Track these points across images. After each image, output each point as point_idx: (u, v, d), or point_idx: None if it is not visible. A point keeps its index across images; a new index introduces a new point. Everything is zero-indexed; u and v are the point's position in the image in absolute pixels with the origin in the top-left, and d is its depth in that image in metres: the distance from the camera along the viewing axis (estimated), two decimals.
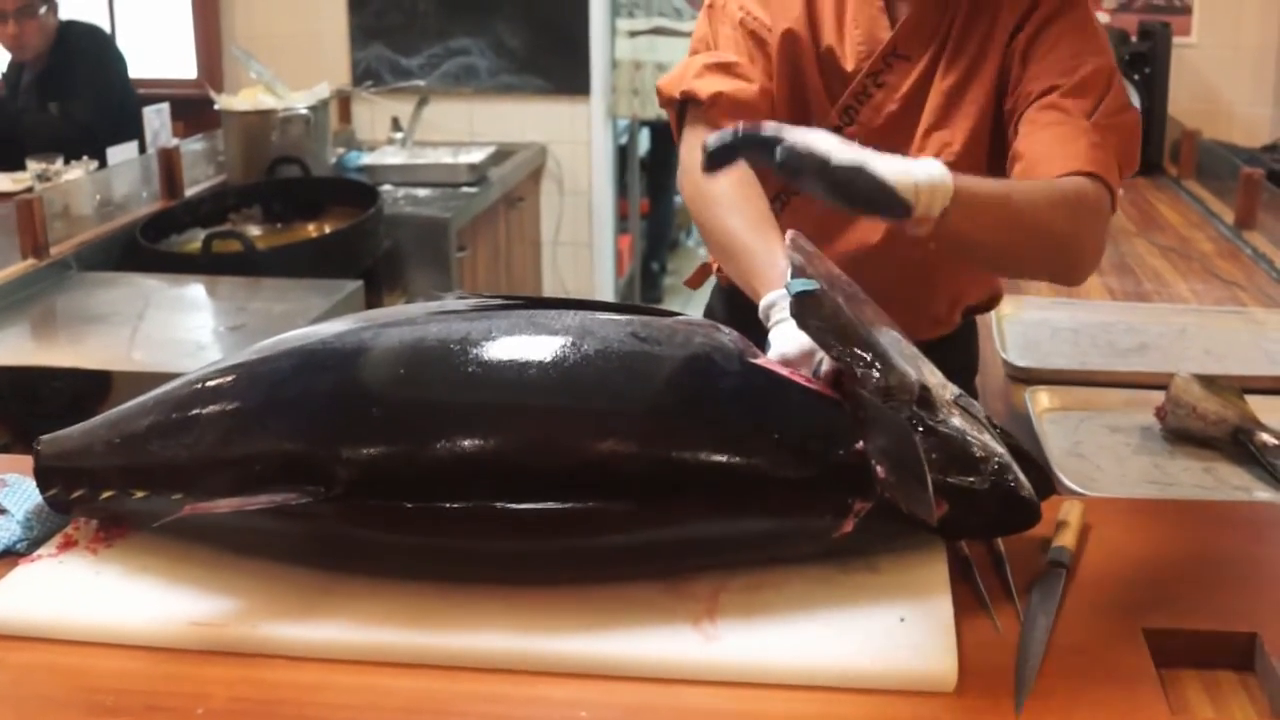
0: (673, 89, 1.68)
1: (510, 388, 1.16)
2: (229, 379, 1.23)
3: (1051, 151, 1.50)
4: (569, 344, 1.18)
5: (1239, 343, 2.24)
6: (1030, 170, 1.50)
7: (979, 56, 1.62)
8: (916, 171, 1.20)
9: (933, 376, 1.23)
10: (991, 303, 1.89)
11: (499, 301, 1.30)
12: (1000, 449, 1.20)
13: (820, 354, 1.24)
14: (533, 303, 1.29)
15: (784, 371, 1.22)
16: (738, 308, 1.67)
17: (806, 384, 1.20)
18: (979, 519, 1.20)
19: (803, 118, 1.67)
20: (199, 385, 1.23)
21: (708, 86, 1.64)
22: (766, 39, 1.67)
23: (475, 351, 1.17)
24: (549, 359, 1.17)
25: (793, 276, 1.16)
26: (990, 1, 1.62)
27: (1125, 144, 1.55)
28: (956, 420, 1.19)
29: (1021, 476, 1.20)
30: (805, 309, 1.14)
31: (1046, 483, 1.27)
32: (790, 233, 1.28)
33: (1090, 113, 1.53)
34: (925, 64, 1.64)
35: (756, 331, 1.34)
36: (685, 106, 1.68)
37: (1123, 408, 1.91)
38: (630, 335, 1.20)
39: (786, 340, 1.30)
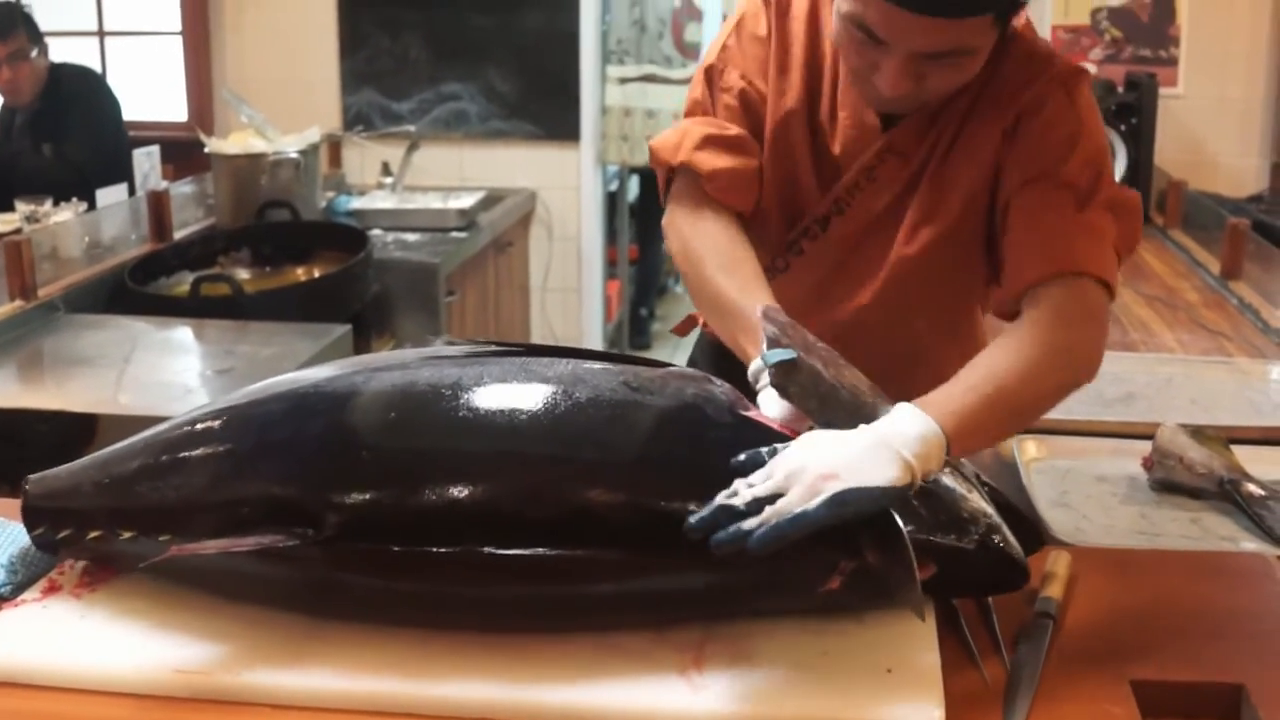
0: (671, 156, 1.64)
1: (501, 435, 1.16)
2: (218, 422, 1.23)
3: (1042, 251, 1.46)
4: (560, 392, 1.18)
5: (1225, 393, 2.25)
6: (1020, 272, 1.47)
7: (977, 150, 1.58)
8: (905, 449, 1.15)
9: None
10: None
11: (491, 348, 1.30)
12: (989, 508, 1.20)
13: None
14: (525, 350, 1.29)
15: (775, 425, 1.22)
16: (722, 358, 1.65)
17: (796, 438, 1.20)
18: (967, 578, 1.20)
19: (791, 201, 1.67)
20: (188, 428, 1.23)
21: (709, 161, 1.61)
22: (763, 113, 1.65)
23: (466, 398, 1.17)
24: (540, 407, 1.17)
25: (769, 347, 1.17)
26: (994, 97, 1.57)
27: (1125, 226, 1.52)
28: (946, 479, 1.19)
29: (1010, 537, 1.20)
30: (785, 376, 1.14)
31: (1035, 537, 1.27)
32: (761, 306, 1.29)
33: (1083, 202, 1.49)
34: (920, 158, 1.61)
35: (740, 384, 1.33)
36: (677, 169, 1.65)
37: (1110, 457, 1.91)
38: (622, 385, 1.20)
39: (775, 405, 1.28)
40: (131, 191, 3.71)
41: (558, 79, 4.67)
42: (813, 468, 1.11)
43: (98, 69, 5.04)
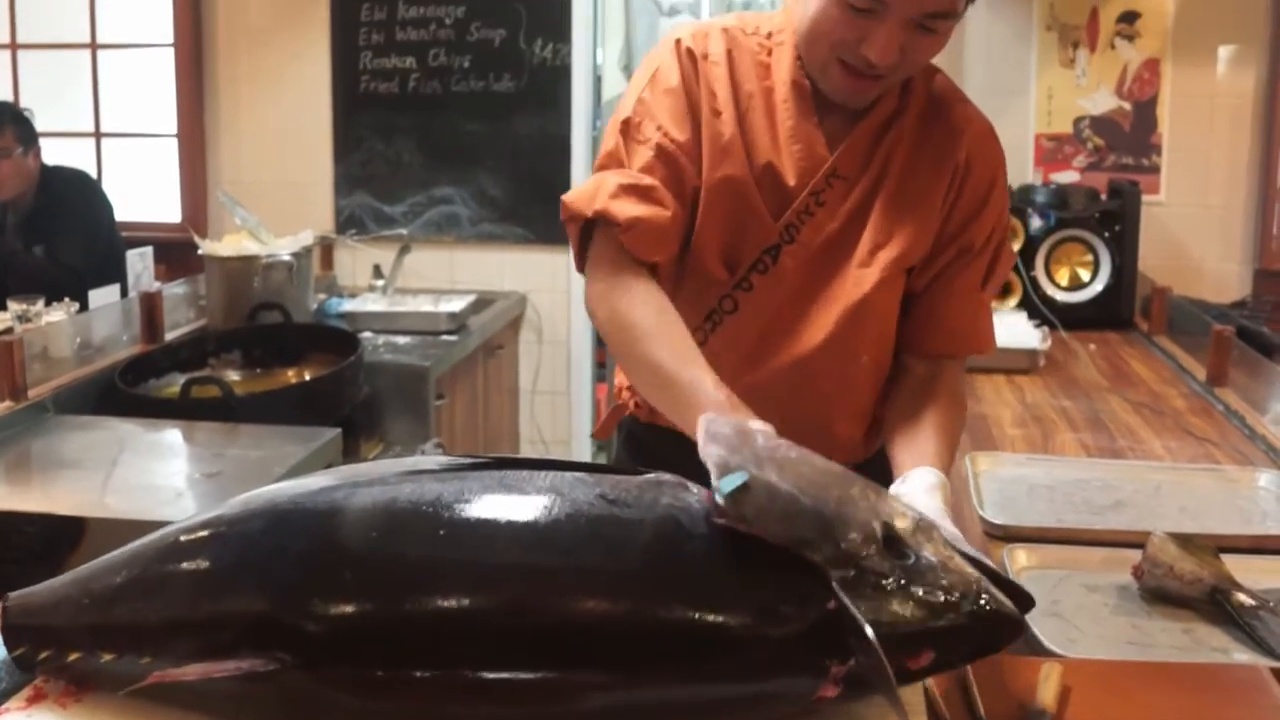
0: (584, 206, 1.65)
1: (481, 552, 1.14)
2: (198, 540, 1.21)
3: (964, 331, 1.79)
4: (539, 507, 1.17)
5: (1214, 501, 2.25)
6: (943, 339, 1.78)
7: (924, 184, 1.71)
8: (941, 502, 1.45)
9: (890, 511, 1.20)
10: None
11: (470, 461, 1.29)
12: (973, 572, 1.18)
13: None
14: (503, 463, 1.28)
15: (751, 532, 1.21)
16: (648, 448, 1.80)
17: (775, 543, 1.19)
18: (966, 648, 1.18)
19: (739, 239, 1.70)
20: (169, 544, 1.22)
21: (625, 210, 1.62)
22: (682, 163, 1.67)
23: (447, 515, 1.16)
24: (520, 523, 1.16)
25: (717, 476, 1.16)
26: (933, 134, 1.73)
27: (1000, 285, 1.85)
28: (927, 553, 1.17)
29: (999, 594, 1.18)
30: (740, 503, 1.13)
31: (1025, 597, 1.24)
32: (702, 419, 1.28)
33: (987, 278, 1.79)
34: (865, 185, 1.70)
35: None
36: (592, 225, 1.67)
37: (1100, 566, 1.91)
38: (599, 497, 1.19)
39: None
40: (124, 292, 3.72)
41: (549, 184, 4.71)
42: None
43: (94, 169, 5.10)
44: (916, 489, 1.49)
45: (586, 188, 1.68)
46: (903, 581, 1.14)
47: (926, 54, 1.63)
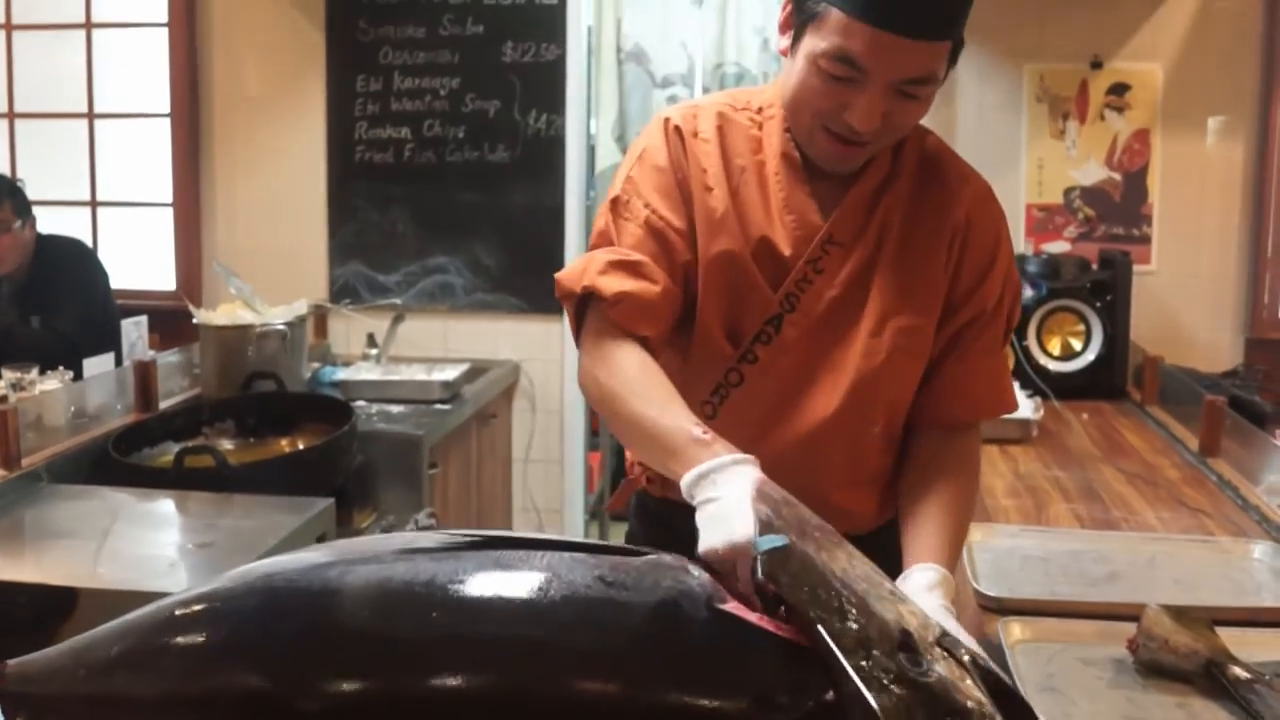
0: (574, 284, 1.69)
1: (476, 634, 1.14)
2: (195, 610, 1.21)
3: (982, 396, 1.80)
4: (536, 588, 1.16)
5: (1208, 572, 2.25)
6: (963, 406, 1.79)
7: (927, 248, 1.74)
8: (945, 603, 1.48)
9: (913, 617, 1.22)
10: None
11: (467, 539, 1.28)
12: (984, 696, 1.18)
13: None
14: (500, 542, 1.28)
15: (752, 618, 1.20)
16: (660, 520, 1.86)
17: (776, 630, 1.18)
18: None
19: (740, 311, 1.72)
20: (165, 617, 1.21)
21: (612, 285, 1.65)
22: (671, 238, 1.70)
23: (442, 595, 1.16)
24: (516, 604, 1.15)
25: (760, 532, 1.17)
26: (931, 197, 1.75)
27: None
28: (939, 667, 1.18)
29: None
30: (775, 565, 1.14)
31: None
32: (757, 480, 1.31)
33: (1005, 337, 1.82)
34: (864, 251, 1.71)
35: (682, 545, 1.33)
36: (586, 302, 1.69)
37: (1095, 639, 1.90)
38: (597, 579, 1.18)
39: (714, 531, 1.29)
40: (119, 361, 3.73)
41: (542, 253, 4.74)
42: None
43: (89, 238, 5.12)
44: (918, 588, 1.52)
45: (576, 265, 1.71)
46: (911, 688, 1.13)
47: (910, 119, 1.65)
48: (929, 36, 1.54)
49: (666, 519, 1.82)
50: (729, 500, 1.33)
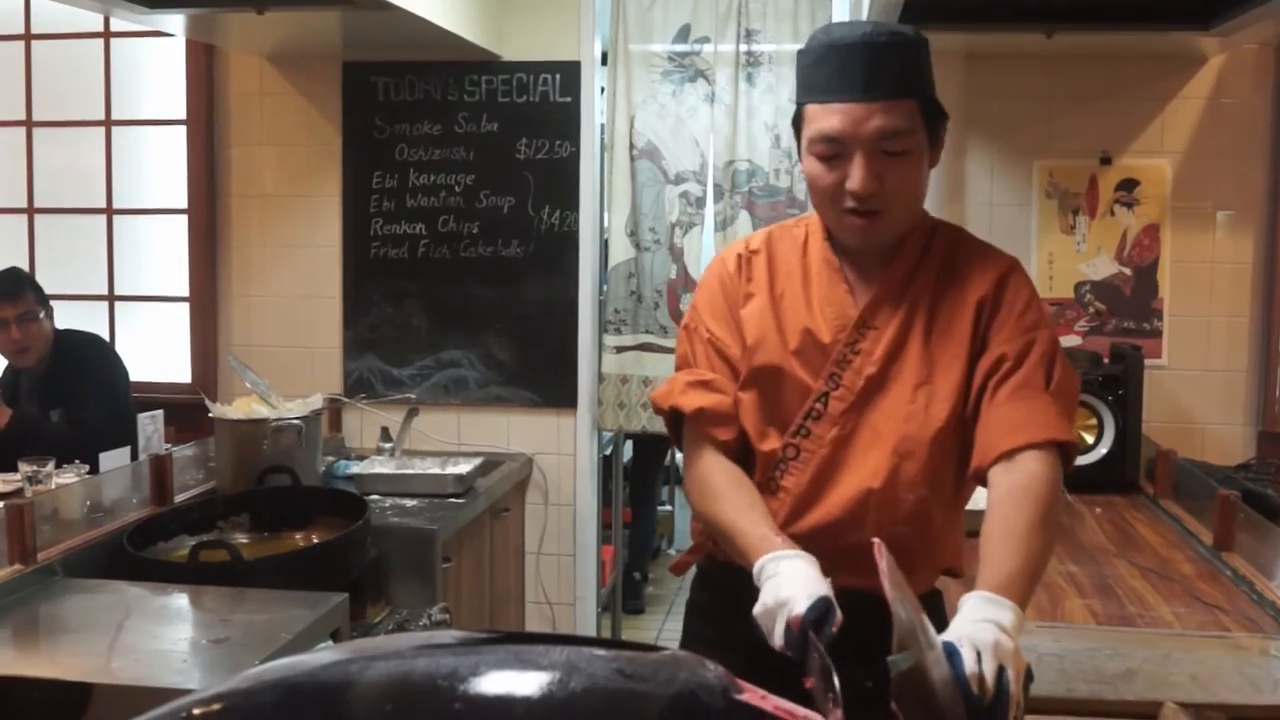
0: (663, 402, 2.05)
1: None
2: (213, 710, 1.21)
3: (1022, 422, 1.83)
4: (556, 681, 1.17)
5: (1224, 669, 2.24)
6: (1004, 437, 1.83)
7: (953, 319, 1.94)
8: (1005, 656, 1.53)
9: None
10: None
11: (484, 635, 1.30)
12: None
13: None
14: (516, 638, 1.29)
15: (768, 707, 1.22)
16: (721, 582, 2.05)
17: (791, 719, 1.20)
18: None
19: (786, 401, 1.97)
20: (183, 717, 1.22)
21: (691, 402, 2.01)
22: (729, 354, 2.03)
23: (463, 689, 1.16)
24: (537, 697, 1.16)
25: (898, 648, 1.32)
26: (958, 277, 1.96)
27: (1072, 403, 1.93)
28: None
29: None
30: (903, 685, 1.29)
31: None
32: (884, 563, 1.43)
33: (1047, 383, 1.88)
34: (894, 331, 1.95)
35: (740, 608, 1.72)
36: (678, 416, 2.03)
37: None
38: (616, 672, 1.20)
39: (768, 593, 1.68)
40: (134, 455, 3.75)
41: (556, 348, 4.78)
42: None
43: (106, 332, 5.17)
44: (964, 620, 1.61)
45: (664, 387, 2.07)
46: None
47: (906, 176, 1.89)
48: (883, 97, 1.83)
49: (729, 583, 1.97)
50: (784, 576, 1.69)
